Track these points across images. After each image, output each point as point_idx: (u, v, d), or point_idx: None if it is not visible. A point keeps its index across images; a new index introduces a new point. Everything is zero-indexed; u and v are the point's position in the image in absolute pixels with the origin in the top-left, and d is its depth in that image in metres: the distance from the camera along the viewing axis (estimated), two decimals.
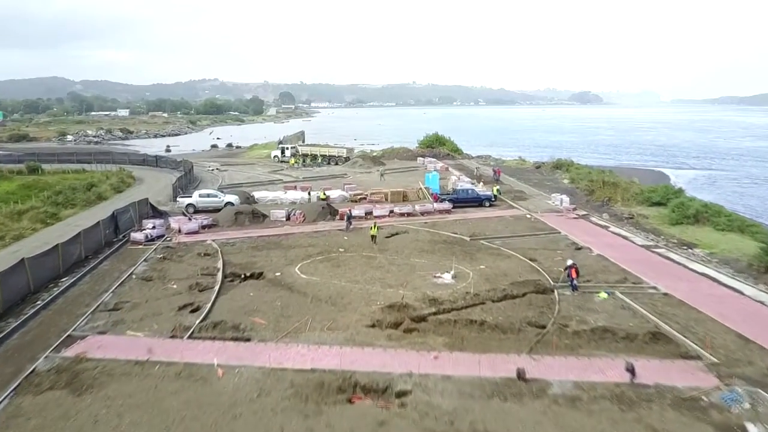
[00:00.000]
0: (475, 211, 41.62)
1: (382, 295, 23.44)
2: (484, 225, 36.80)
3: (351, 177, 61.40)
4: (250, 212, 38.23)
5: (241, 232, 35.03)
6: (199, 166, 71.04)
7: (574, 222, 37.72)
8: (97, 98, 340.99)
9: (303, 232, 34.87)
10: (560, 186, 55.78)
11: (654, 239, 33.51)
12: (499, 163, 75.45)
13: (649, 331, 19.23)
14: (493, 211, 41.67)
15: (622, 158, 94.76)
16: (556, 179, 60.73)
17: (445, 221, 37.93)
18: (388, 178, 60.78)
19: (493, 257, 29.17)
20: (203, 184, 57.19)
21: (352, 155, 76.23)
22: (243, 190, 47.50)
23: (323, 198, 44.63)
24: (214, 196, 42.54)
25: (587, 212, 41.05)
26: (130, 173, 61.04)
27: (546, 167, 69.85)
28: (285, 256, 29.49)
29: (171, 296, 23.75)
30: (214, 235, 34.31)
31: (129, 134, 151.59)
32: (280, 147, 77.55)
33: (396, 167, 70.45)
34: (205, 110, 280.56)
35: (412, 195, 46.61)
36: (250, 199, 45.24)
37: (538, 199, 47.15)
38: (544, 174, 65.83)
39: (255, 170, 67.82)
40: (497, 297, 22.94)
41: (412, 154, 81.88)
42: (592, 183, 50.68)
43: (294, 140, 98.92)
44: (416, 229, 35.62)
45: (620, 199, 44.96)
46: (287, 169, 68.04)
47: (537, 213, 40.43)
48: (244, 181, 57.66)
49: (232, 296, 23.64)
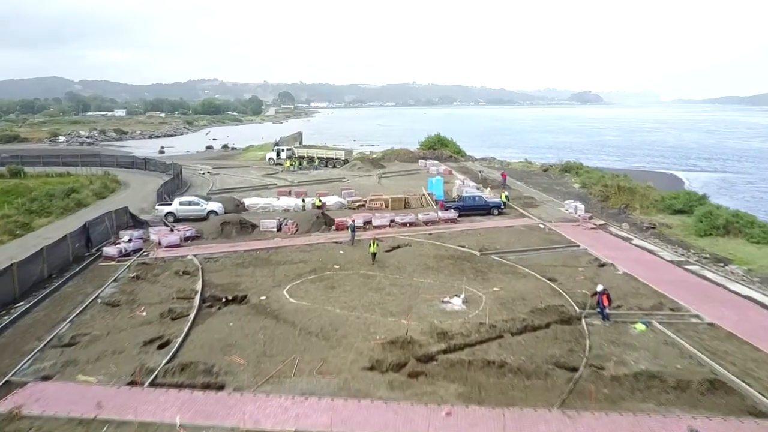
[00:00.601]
0: (482, 219, 38.37)
1: (382, 325, 20.20)
2: (495, 237, 33.54)
3: (349, 181, 58.20)
4: (237, 222, 34.97)
5: (227, 246, 31.76)
6: (190, 169, 67.81)
7: (592, 233, 34.46)
8: (94, 98, 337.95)
9: (295, 245, 31.60)
10: (571, 191, 52.58)
11: (683, 254, 30.27)
12: (504, 166, 72.18)
13: (705, 378, 15.98)
14: (502, 219, 38.42)
15: (631, 160, 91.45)
16: (565, 183, 57.50)
17: (452, 232, 34.67)
18: (388, 182, 57.56)
19: (507, 276, 25.91)
20: (192, 188, 53.92)
21: (350, 157, 72.97)
22: (232, 197, 44.24)
23: (318, 205, 41.41)
24: (195, 204, 39.26)
25: (605, 221, 37.78)
26: (115, 177, 57.77)
27: (554, 170, 66.60)
28: (273, 275, 26.23)
29: (138, 326, 20.50)
30: (197, 249, 31.04)
31: (123, 135, 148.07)
32: (276, 149, 74.22)
33: (396, 170, 67.20)
34: (203, 110, 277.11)
35: (414, 202, 43.36)
36: (240, 207, 42.01)
37: (549, 206, 43.90)
38: (553, 177, 62.61)
39: (248, 174, 64.57)
40: (516, 329, 19.69)
41: (413, 156, 78.62)
42: (607, 188, 47.42)
43: (291, 141, 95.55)
44: (420, 241, 32.37)
45: (639, 207, 41.73)
46: (282, 173, 64.78)
47: (550, 222, 37.19)
48: (236, 186, 54.42)
49: (209, 327, 20.39)
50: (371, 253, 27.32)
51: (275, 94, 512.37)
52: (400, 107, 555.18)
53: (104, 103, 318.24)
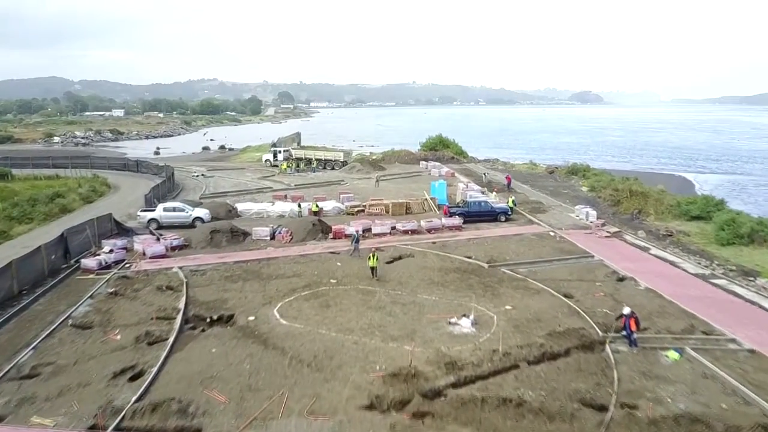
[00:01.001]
0: (489, 227, 36.18)
1: (382, 352, 18.03)
2: (503, 246, 31.34)
3: (348, 184, 56.02)
4: (228, 230, 32.77)
5: (216, 256, 29.56)
6: (184, 172, 65.67)
7: (606, 242, 32.28)
8: (93, 98, 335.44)
9: (288, 255, 29.41)
10: (579, 195, 50.40)
11: (707, 265, 28.09)
12: (508, 168, 70.01)
13: (758, 423, 13.80)
14: (510, 227, 36.23)
15: (637, 161, 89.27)
16: (573, 187, 55.30)
17: (457, 241, 32.48)
18: (389, 185, 55.38)
19: (519, 292, 23.73)
20: (184, 192, 51.76)
21: (349, 159, 70.77)
22: (224, 202, 42.02)
23: (315, 211, 39.24)
24: (180, 210, 37.03)
25: (619, 228, 35.58)
26: (104, 180, 55.59)
27: (560, 172, 64.43)
28: (263, 291, 24.06)
29: (110, 353, 18.34)
30: (184, 260, 28.85)
31: (119, 135, 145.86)
32: (272, 150, 72.00)
33: (397, 172, 65.03)
34: (201, 110, 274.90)
35: (416, 207, 41.17)
36: (232, 213, 39.83)
37: (558, 211, 41.72)
38: (559, 180, 60.42)
39: (244, 176, 62.38)
40: (534, 357, 17.54)
41: (414, 158, 76.43)
42: (618, 192, 45.23)
43: (289, 142, 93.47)
44: (423, 251, 30.19)
45: (653, 212, 39.54)
46: (278, 175, 62.59)
47: (561, 230, 35.00)
48: (230, 189, 52.22)
49: (189, 354, 18.22)
50: (371, 267, 25.11)
51: (275, 94, 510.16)
52: (400, 107, 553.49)
53: (102, 103, 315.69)
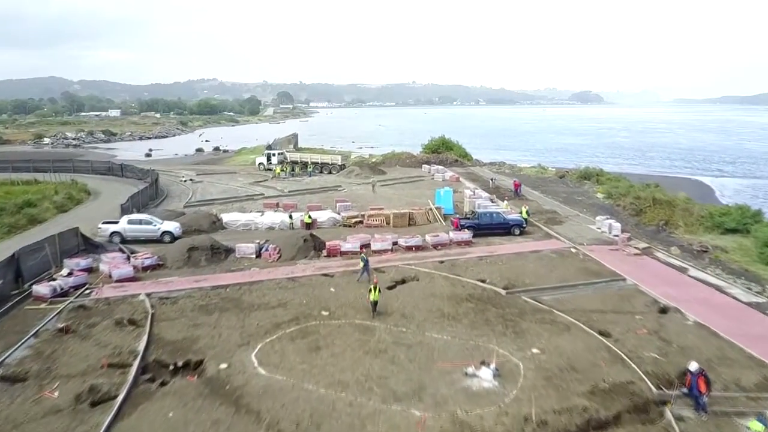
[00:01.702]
0: (502, 241, 32.39)
1: (383, 419, 14.26)
2: (520, 266, 27.55)
3: (345, 190, 52.25)
4: (208, 247, 28.96)
5: (192, 279, 25.73)
6: (172, 176, 61.94)
7: (637, 261, 28.48)
8: (90, 98, 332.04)
9: (275, 279, 25.59)
10: (595, 202, 46.68)
11: (759, 291, 24.31)
12: (516, 172, 66.27)
13: None
14: (525, 241, 32.44)
15: (649, 164, 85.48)
16: (587, 193, 51.54)
17: (467, 259, 28.66)
18: (389, 190, 51.63)
19: (545, 329, 19.94)
20: (169, 200, 47.97)
21: (347, 162, 67.02)
22: (208, 212, 38.22)
23: (308, 222, 35.48)
24: (147, 223, 33.13)
25: (648, 244, 31.81)
26: (84, 186, 51.72)
27: (571, 177, 60.72)
28: (242, 327, 20.27)
29: (40, 418, 14.56)
30: (154, 285, 25.03)
31: (112, 136, 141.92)
32: (266, 153, 68.18)
33: (398, 176, 61.27)
34: (199, 110, 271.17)
35: (420, 217, 37.40)
36: (217, 224, 36.05)
37: (575, 222, 37.94)
38: (571, 185, 56.68)
39: (235, 181, 58.57)
40: (576, 427, 13.75)
41: (416, 161, 72.68)
42: (639, 201, 41.46)
43: (285, 144, 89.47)
44: (429, 272, 26.39)
45: (682, 224, 35.77)
46: (272, 180, 58.81)
47: (583, 245, 31.22)
48: (218, 197, 48.42)
49: (139, 422, 14.40)
50: (372, 302, 21.11)
51: (274, 94, 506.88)
52: (400, 107, 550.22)
53: (100, 103, 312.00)
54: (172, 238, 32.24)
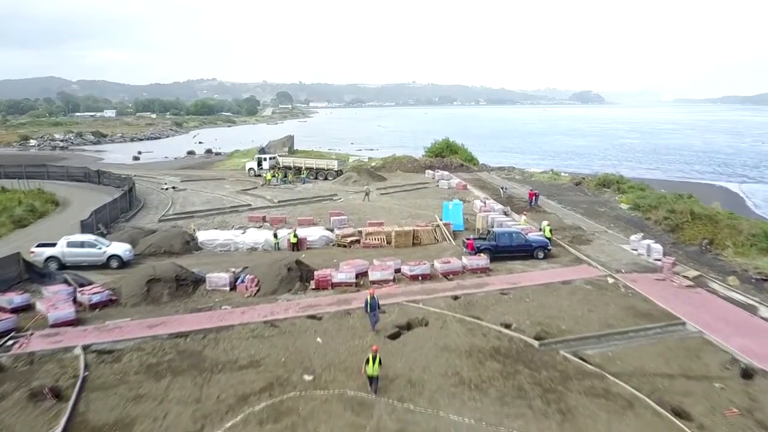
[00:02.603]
0: (525, 267, 27.43)
1: None
2: (551, 303, 22.57)
3: (342, 200, 47.32)
4: (172, 278, 23.99)
5: (146, 324, 20.70)
6: (154, 183, 57.08)
7: (692, 296, 23.51)
8: (87, 98, 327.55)
9: (249, 323, 20.61)
10: (620, 215, 41.76)
11: None
12: (527, 178, 61.34)
13: None
14: (552, 267, 27.48)
15: (668, 168, 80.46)
16: (608, 203, 46.58)
17: (486, 294, 23.68)
18: (391, 200, 46.70)
19: (601, 406, 14.97)
20: (144, 211, 43.00)
21: (345, 167, 62.07)
22: (182, 231, 33.17)
23: (294, 242, 30.57)
24: (91, 246, 28.01)
25: (698, 271, 26.83)
26: (51, 196, 46.72)
27: (588, 184, 55.77)
28: (198, 401, 15.32)
29: None
30: (97, 332, 20.01)
31: (102, 138, 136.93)
32: (257, 157, 63.20)
33: (399, 183, 56.35)
34: (195, 111, 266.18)
35: (426, 236, 32.46)
36: (191, 244, 31.13)
37: (605, 240, 32.97)
38: (589, 194, 51.76)
39: (222, 189, 53.63)
40: None
41: (418, 165, 67.85)
42: (675, 215, 36.48)
43: (279, 147, 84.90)
44: (441, 313, 21.40)
45: (731, 244, 30.78)
46: (262, 188, 53.86)
47: (621, 273, 26.29)
48: (200, 208, 43.47)
49: None
50: (368, 377, 15.85)
51: (274, 94, 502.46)
52: (399, 107, 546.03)
53: (97, 103, 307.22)
54: (121, 263, 27.38)
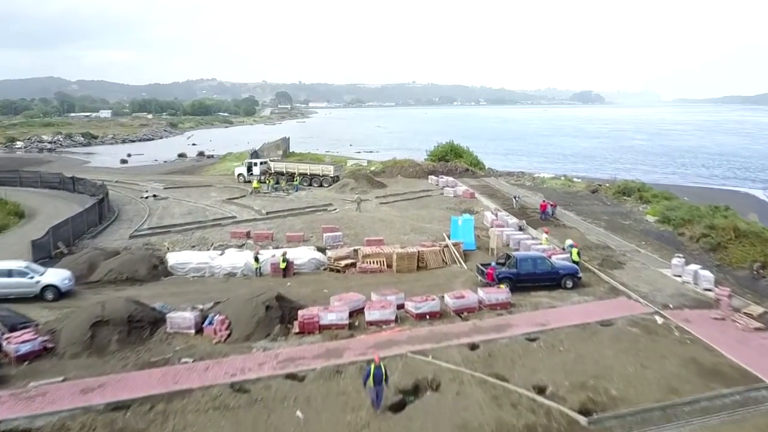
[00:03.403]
0: (552, 300, 22.96)
1: None
2: (592, 355, 18.08)
3: (338, 210, 42.88)
4: (124, 320, 19.53)
5: (80, 388, 16.19)
6: (136, 190, 52.69)
7: (764, 342, 19.07)
8: (85, 98, 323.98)
9: (211, 387, 16.13)
10: (647, 228, 37.40)
11: None
12: (538, 184, 56.88)
13: None
14: (585, 300, 22.99)
15: (685, 173, 75.95)
16: (632, 214, 42.16)
17: (509, 340, 19.19)
18: (391, 210, 42.28)
19: None
20: (117, 224, 38.53)
21: (341, 173, 57.60)
22: (148, 253, 28.58)
23: (283, 266, 26.18)
24: (21, 275, 23.29)
25: (760, 305, 22.37)
26: (16, 206, 42.22)
27: (606, 191, 51.37)
28: None
29: None
30: (12, 401, 15.60)
31: (93, 139, 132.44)
32: (247, 163, 58.67)
33: (400, 191, 51.90)
34: (192, 111, 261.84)
35: (434, 258, 28.01)
36: (159, 269, 26.72)
37: (640, 263, 28.52)
38: (608, 203, 47.37)
39: (207, 197, 49.17)
40: None
41: (420, 170, 63.34)
42: (716, 232, 32.03)
43: (273, 150, 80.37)
44: (455, 371, 16.95)
45: None
46: (250, 196, 49.39)
47: (669, 309, 21.85)
48: (179, 221, 39.00)
49: None
50: None
51: (274, 94, 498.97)
52: (399, 107, 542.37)
53: (94, 103, 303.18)
54: (57, 294, 22.97)
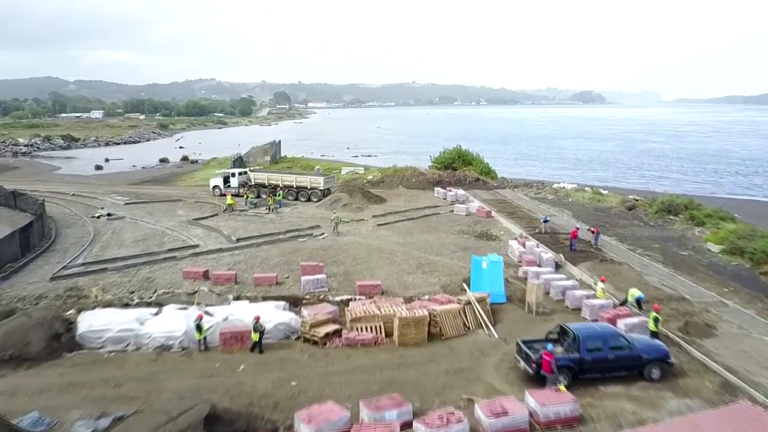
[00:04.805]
0: (638, 406, 14.98)
1: None
2: None
3: (325, 235, 34.85)
4: None
5: None
6: (93, 205, 44.77)
7: None
8: (80, 98, 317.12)
9: None
10: (712, 261, 29.58)
11: None
12: (562, 198, 48.88)
13: None
14: (689, 410, 15.05)
15: (721, 182, 67.80)
16: (687, 241, 34.22)
17: None
18: (390, 236, 34.34)
19: None
20: (46, 256, 30.40)
21: (333, 185, 49.52)
22: (53, 314, 20.56)
23: (256, 339, 18.26)
24: None
25: None
26: None
27: (645, 207, 43.46)
28: None
29: None
30: None
31: (73, 142, 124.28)
32: (224, 173, 50.42)
33: (401, 207, 43.85)
34: (187, 111, 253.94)
35: (451, 322, 19.99)
36: (64, 340, 18.79)
37: (730, 322, 20.61)
38: (651, 223, 39.45)
39: (172, 215, 41.19)
40: None
41: (425, 180, 55.43)
42: None
43: (260, 154, 72.50)
44: None
45: None
46: (223, 214, 41.34)
47: None
48: (127, 251, 30.96)
49: None
50: None
51: (273, 94, 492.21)
52: (400, 107, 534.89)
53: (89, 104, 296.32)
54: None
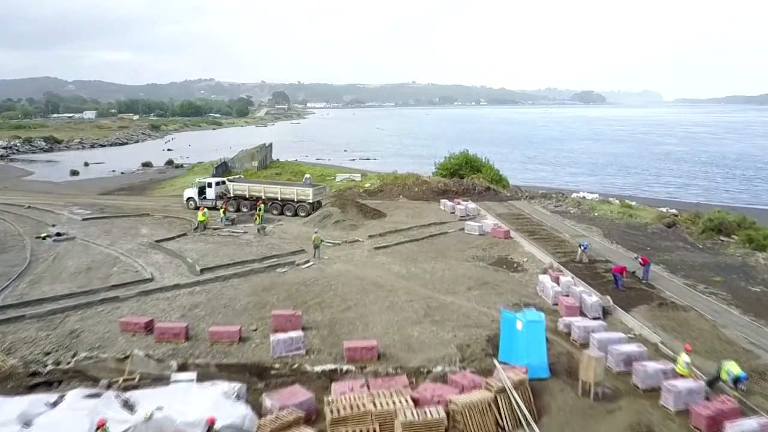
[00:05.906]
0: None
1: None
2: None
3: (311, 263, 28.57)
4: None
5: None
6: (46, 220, 38.57)
7: None
8: (75, 99, 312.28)
9: None
10: None
11: None
12: (586, 211, 42.67)
13: None
14: None
15: (757, 190, 61.65)
16: (752, 271, 28.03)
17: None
18: (390, 264, 28.06)
19: None
20: None
21: (323, 196, 43.25)
22: None
23: None
24: None
25: None
26: None
27: (687, 224, 37.28)
28: None
29: None
30: None
31: (56, 144, 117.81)
32: (199, 183, 43.95)
33: (403, 225, 37.49)
34: (182, 112, 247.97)
35: (477, 423, 13.73)
36: None
37: None
38: (699, 245, 33.25)
39: (134, 234, 34.92)
40: None
41: (429, 189, 49.19)
42: None
43: (247, 159, 66.25)
44: None
45: None
46: (193, 233, 35.06)
47: None
48: (61, 287, 24.78)
49: None
50: None
51: (272, 94, 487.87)
52: (399, 107, 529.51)
53: (85, 104, 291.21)
54: None
